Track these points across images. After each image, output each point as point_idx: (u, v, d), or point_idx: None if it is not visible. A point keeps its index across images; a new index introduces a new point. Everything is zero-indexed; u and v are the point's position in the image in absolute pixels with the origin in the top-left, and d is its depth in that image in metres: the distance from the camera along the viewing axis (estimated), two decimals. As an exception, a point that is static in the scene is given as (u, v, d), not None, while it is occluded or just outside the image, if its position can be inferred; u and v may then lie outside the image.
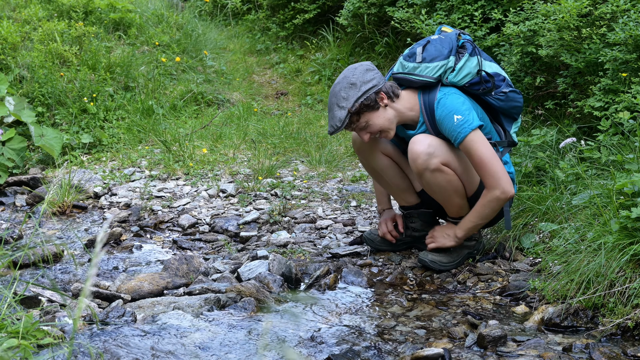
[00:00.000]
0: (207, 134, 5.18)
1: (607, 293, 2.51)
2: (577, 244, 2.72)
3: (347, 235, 3.57)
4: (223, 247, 3.52)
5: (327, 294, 2.94)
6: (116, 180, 4.49)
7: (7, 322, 2.11)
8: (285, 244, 3.47)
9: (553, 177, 3.33)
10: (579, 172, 3.10)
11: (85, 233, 3.79)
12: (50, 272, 3.22)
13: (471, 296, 2.88)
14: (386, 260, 3.24)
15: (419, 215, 3.21)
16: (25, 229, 3.87)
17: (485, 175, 2.81)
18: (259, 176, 4.36)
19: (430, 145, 2.82)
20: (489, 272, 3.03)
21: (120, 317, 2.58)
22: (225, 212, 3.96)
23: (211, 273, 3.09)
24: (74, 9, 6.13)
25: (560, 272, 2.68)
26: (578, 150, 3.23)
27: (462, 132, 2.77)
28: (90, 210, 4.16)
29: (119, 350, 2.34)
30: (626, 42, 3.44)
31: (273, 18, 7.27)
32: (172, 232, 3.80)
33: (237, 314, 2.67)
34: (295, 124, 5.39)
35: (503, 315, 2.71)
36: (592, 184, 2.97)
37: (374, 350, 2.42)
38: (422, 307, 2.78)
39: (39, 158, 4.90)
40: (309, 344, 2.46)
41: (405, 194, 3.18)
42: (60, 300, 2.72)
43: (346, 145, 4.93)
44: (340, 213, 3.88)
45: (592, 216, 2.84)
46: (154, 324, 2.55)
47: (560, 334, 2.51)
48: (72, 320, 2.47)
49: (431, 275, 3.06)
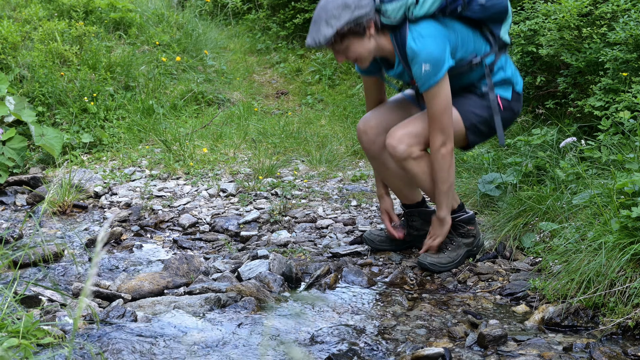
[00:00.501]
0: (207, 134, 5.18)
1: (607, 292, 2.50)
2: (577, 244, 2.72)
3: (347, 235, 3.57)
4: (223, 246, 3.52)
5: (328, 293, 2.94)
6: (116, 180, 4.49)
7: (8, 322, 2.11)
8: (286, 243, 3.47)
9: (553, 176, 3.33)
10: (580, 172, 3.10)
11: (85, 232, 3.79)
12: (51, 272, 3.22)
13: (471, 295, 2.88)
14: (386, 259, 3.24)
15: (420, 214, 3.21)
16: (25, 229, 3.87)
17: (433, 129, 2.86)
18: (259, 176, 4.36)
19: (401, 141, 2.89)
20: (489, 272, 3.03)
21: (120, 317, 2.58)
22: (225, 212, 3.96)
23: (212, 272, 3.09)
24: (74, 9, 6.13)
25: (560, 271, 2.68)
26: (578, 150, 3.23)
27: (426, 83, 2.80)
28: (90, 209, 4.16)
29: (119, 350, 2.34)
30: (627, 42, 3.44)
31: (273, 17, 7.27)
32: (172, 231, 3.80)
33: (237, 314, 2.68)
34: (295, 124, 5.39)
35: (503, 314, 2.71)
36: (592, 184, 2.97)
37: (374, 349, 2.42)
38: (422, 307, 2.78)
39: (39, 157, 4.90)
40: (309, 344, 2.46)
41: (406, 191, 3.18)
42: (61, 300, 2.72)
43: (346, 144, 4.93)
44: (340, 212, 3.88)
45: (592, 216, 2.84)
46: (154, 324, 2.55)
47: (560, 333, 2.51)
48: (73, 320, 2.47)
49: (431, 275, 3.06)
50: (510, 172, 3.52)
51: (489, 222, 3.38)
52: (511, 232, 3.19)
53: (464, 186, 3.76)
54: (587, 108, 3.55)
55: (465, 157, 4.06)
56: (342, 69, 6.42)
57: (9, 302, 2.13)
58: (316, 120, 5.51)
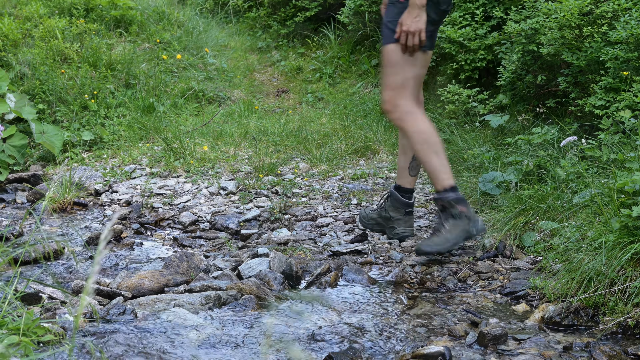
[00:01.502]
0: (208, 132, 5.18)
1: (607, 292, 2.51)
2: (577, 243, 2.72)
3: (347, 233, 3.57)
4: (224, 244, 3.52)
5: (328, 291, 2.94)
6: (117, 178, 4.49)
7: (8, 319, 2.11)
8: (286, 241, 3.47)
9: (554, 175, 3.33)
10: (580, 171, 3.10)
11: (86, 230, 3.79)
12: (51, 269, 3.22)
13: (472, 294, 2.88)
14: (387, 258, 3.24)
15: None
16: (26, 226, 3.87)
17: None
18: (259, 174, 4.36)
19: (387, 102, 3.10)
20: (489, 271, 3.03)
21: (121, 315, 2.58)
22: (226, 210, 3.96)
23: (212, 270, 3.09)
24: (75, 6, 6.13)
25: (560, 270, 2.68)
26: (579, 149, 3.23)
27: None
28: (91, 207, 4.16)
29: (119, 348, 2.34)
30: (627, 41, 3.44)
31: (274, 16, 7.26)
32: (172, 229, 3.80)
33: (237, 312, 2.68)
34: (296, 122, 5.39)
35: (503, 313, 2.71)
36: (593, 183, 2.96)
37: (375, 348, 2.43)
38: (422, 305, 2.78)
39: (39, 155, 4.90)
40: (309, 342, 2.46)
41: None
42: (62, 297, 2.72)
43: (347, 143, 4.93)
44: (340, 211, 3.88)
45: (592, 215, 2.84)
46: (154, 321, 2.56)
47: (560, 332, 2.51)
48: (74, 318, 2.47)
49: (432, 274, 3.06)
50: (510, 170, 3.51)
51: (490, 220, 3.38)
52: (512, 231, 3.19)
53: (464, 185, 3.76)
54: (587, 107, 3.55)
55: (466, 156, 4.06)
56: (343, 68, 6.41)
57: (9, 300, 2.13)
58: (317, 119, 5.51)
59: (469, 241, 3.18)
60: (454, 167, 3.90)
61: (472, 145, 4.18)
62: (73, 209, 4.13)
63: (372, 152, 4.82)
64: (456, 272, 3.06)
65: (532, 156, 3.58)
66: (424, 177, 4.24)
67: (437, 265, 3.11)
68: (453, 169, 3.45)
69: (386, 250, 3.31)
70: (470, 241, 3.22)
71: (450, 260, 3.15)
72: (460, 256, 3.19)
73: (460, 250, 3.23)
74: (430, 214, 3.78)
